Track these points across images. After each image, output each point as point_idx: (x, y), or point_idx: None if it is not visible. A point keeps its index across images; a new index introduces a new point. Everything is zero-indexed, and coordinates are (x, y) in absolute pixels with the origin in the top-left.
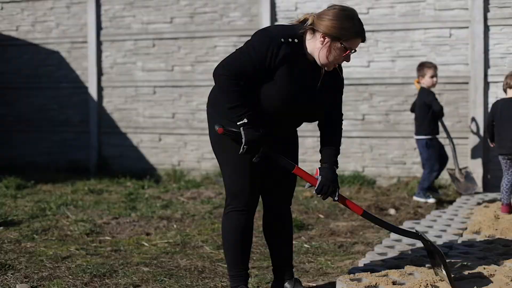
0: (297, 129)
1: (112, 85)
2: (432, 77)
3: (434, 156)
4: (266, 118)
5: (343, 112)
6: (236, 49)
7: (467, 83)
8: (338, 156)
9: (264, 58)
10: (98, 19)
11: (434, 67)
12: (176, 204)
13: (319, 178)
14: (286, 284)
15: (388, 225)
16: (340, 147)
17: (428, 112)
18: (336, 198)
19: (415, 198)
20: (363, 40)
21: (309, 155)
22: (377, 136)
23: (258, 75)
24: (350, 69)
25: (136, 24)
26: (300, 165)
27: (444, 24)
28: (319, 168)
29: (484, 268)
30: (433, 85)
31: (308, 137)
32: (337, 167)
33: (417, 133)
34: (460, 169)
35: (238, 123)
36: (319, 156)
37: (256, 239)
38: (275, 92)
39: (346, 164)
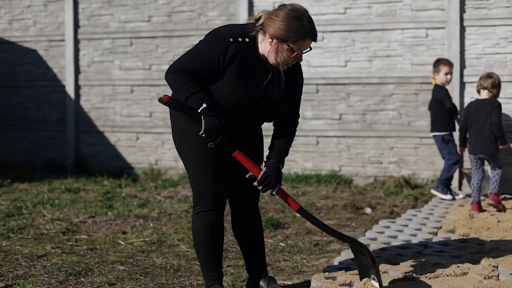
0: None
1: (90, 83)
2: (446, 74)
3: (455, 150)
4: (224, 118)
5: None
6: (187, 51)
7: None
8: (286, 158)
9: (213, 58)
10: (75, 17)
11: (450, 64)
12: (153, 203)
13: (264, 169)
14: (261, 283)
15: (323, 225)
16: (290, 148)
17: (442, 108)
18: (274, 193)
19: (433, 191)
20: (314, 40)
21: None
22: (354, 135)
23: (209, 75)
24: (327, 69)
25: (114, 23)
26: None
27: (421, 24)
28: (264, 161)
29: (458, 267)
30: (447, 82)
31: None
32: (283, 166)
33: (432, 130)
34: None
35: (198, 110)
36: (296, 155)
37: (231, 237)
38: (227, 92)
39: (323, 164)
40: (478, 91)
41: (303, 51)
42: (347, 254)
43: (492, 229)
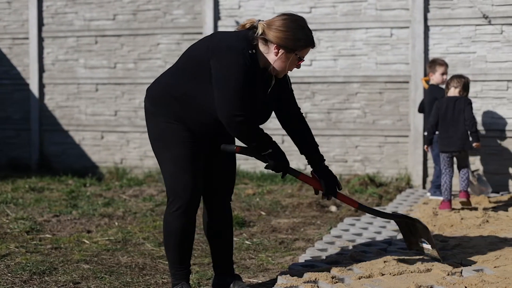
0: None
1: (54, 82)
2: (442, 74)
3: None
4: (219, 125)
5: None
6: (220, 82)
7: (407, 82)
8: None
9: (247, 71)
10: (39, 15)
11: (445, 65)
12: (118, 202)
13: (322, 182)
14: (228, 280)
15: (377, 212)
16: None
17: None
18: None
19: (431, 197)
20: (314, 46)
21: None
22: (319, 134)
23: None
24: None
25: (79, 21)
26: (242, 162)
27: (385, 24)
28: (313, 171)
29: (422, 263)
30: (443, 82)
31: None
32: (324, 159)
33: (425, 130)
34: (472, 172)
35: (262, 154)
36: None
37: (197, 236)
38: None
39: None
40: (447, 91)
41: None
42: (312, 251)
43: (455, 226)
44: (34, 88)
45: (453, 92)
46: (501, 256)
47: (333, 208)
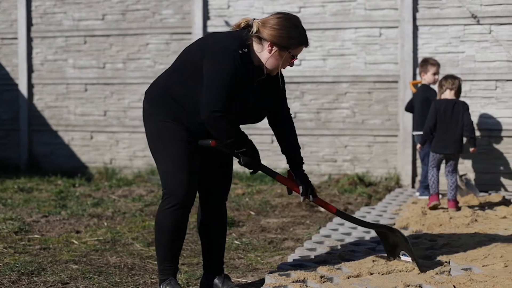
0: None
1: (43, 82)
2: (434, 74)
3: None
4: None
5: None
6: (207, 80)
7: (396, 81)
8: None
9: (236, 72)
10: (28, 15)
11: (437, 64)
12: (107, 202)
13: (298, 182)
14: (216, 280)
15: (359, 221)
16: (300, 143)
17: (428, 108)
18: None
19: (420, 197)
20: (307, 45)
21: None
22: (309, 134)
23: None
24: None
25: (67, 21)
26: None
27: (374, 23)
28: (290, 171)
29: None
30: (434, 82)
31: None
32: (303, 162)
33: (414, 129)
34: (460, 176)
35: (236, 151)
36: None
37: (187, 236)
38: (237, 102)
39: (278, 162)
40: (442, 91)
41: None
42: (301, 251)
43: (444, 225)
44: (23, 88)
45: (449, 94)
46: (490, 255)
47: (322, 208)
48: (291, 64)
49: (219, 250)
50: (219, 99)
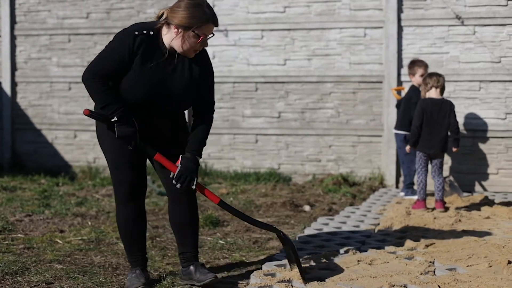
0: (213, 126)
1: (27, 80)
2: (422, 75)
3: (413, 151)
4: (134, 111)
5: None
6: (98, 54)
7: (381, 82)
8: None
9: (123, 54)
10: (12, 12)
11: (425, 66)
12: (91, 201)
13: (179, 166)
14: (191, 268)
15: (244, 216)
16: (207, 137)
17: (412, 108)
18: (194, 187)
19: (405, 197)
20: (216, 24)
21: (226, 152)
22: (293, 133)
23: (122, 70)
24: (267, 67)
25: (52, 19)
26: (216, 162)
27: (359, 24)
28: (181, 156)
29: (396, 262)
30: None
31: (224, 134)
32: (200, 156)
33: (396, 127)
34: (444, 178)
35: (111, 121)
36: (235, 153)
37: (171, 235)
38: (133, 82)
39: (262, 162)
40: (427, 89)
41: (208, 36)
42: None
43: (428, 225)
44: (6, 86)
45: (435, 92)
46: (474, 255)
47: (306, 208)
48: (204, 44)
49: (189, 236)
50: (96, 66)
